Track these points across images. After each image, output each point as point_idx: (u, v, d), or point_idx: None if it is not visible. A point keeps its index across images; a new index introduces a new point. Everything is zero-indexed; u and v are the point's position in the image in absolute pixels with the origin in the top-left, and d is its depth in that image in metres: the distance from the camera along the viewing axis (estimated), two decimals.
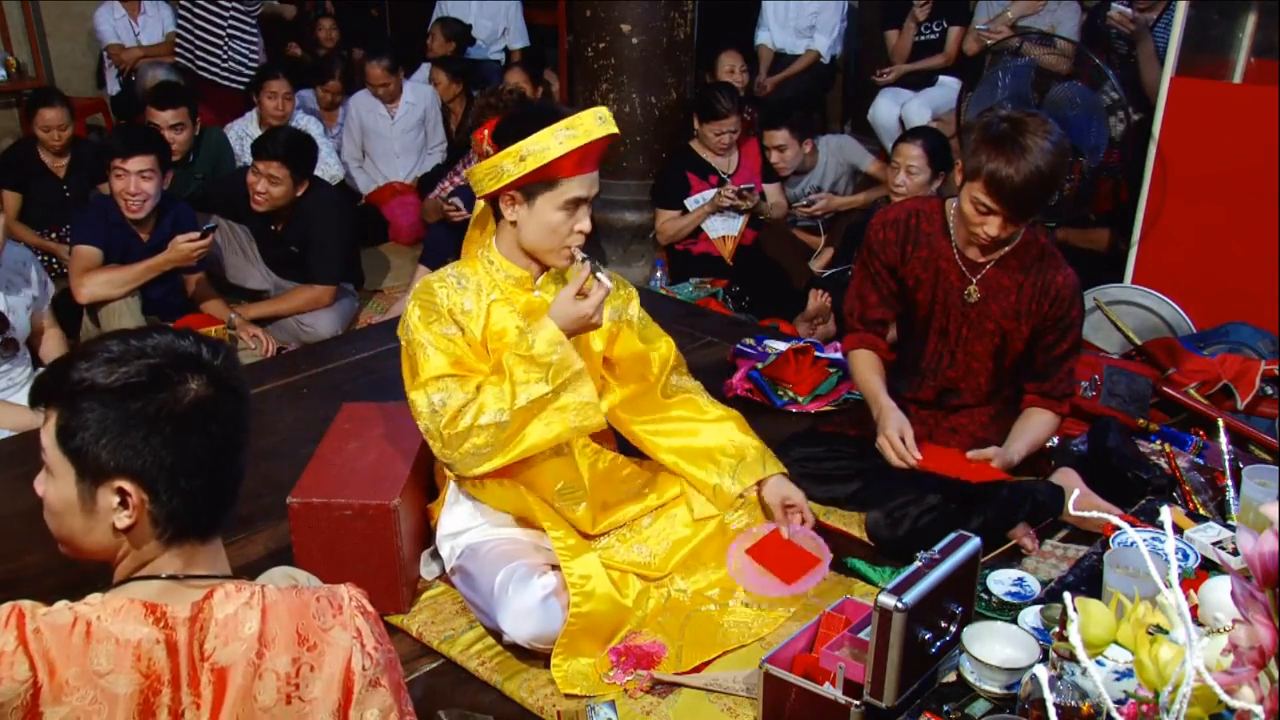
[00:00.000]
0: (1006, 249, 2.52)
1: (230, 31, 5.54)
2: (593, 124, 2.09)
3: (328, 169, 4.92)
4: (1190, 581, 1.82)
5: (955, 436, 2.68)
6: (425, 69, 5.98)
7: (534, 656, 2.15)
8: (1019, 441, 2.54)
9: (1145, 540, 1.52)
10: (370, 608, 1.32)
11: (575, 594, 2.09)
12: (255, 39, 5.69)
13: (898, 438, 2.50)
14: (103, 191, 3.60)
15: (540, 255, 2.21)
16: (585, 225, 2.16)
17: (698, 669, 2.13)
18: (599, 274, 2.14)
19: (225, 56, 5.56)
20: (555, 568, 2.17)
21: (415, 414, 2.13)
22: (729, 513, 2.37)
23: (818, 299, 4.11)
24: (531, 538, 2.26)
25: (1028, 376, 2.61)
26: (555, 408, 2.12)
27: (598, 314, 2.15)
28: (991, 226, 2.39)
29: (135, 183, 3.55)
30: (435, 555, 2.38)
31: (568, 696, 2.05)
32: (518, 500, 2.24)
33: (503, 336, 2.21)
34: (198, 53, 5.55)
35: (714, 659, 2.16)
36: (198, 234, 3.59)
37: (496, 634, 2.16)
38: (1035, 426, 2.58)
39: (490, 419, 2.07)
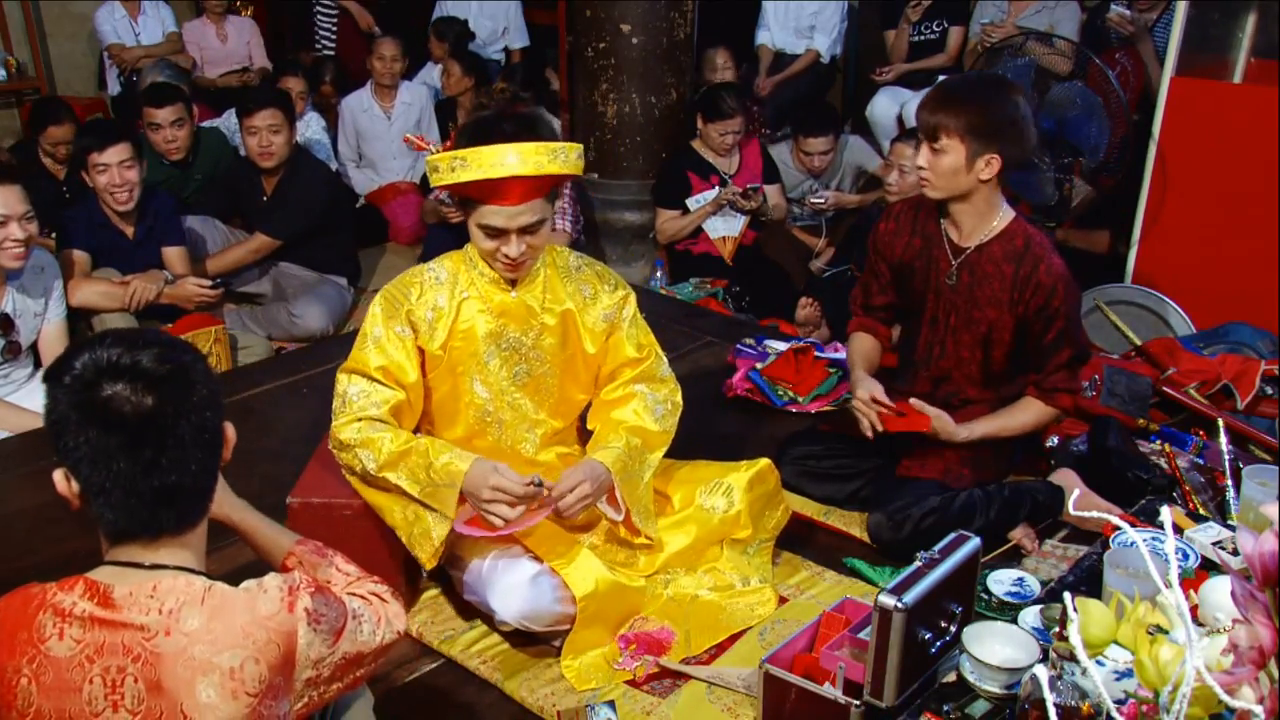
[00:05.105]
0: (990, 237, 2.52)
1: (319, 20, 6.39)
2: (494, 162, 1.99)
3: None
4: (1190, 581, 1.81)
5: None
6: (427, 68, 5.97)
7: (535, 651, 2.16)
8: (984, 421, 2.57)
9: (1145, 540, 1.52)
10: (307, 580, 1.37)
11: (581, 596, 2.08)
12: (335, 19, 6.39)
13: (868, 397, 2.55)
14: (86, 181, 3.63)
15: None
16: (511, 252, 2.11)
17: (708, 658, 2.16)
18: (545, 504, 2.09)
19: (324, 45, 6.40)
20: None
21: (335, 388, 2.20)
22: (701, 493, 2.32)
23: (805, 308, 4.12)
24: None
25: (1024, 369, 2.61)
26: (406, 507, 2.16)
27: (497, 516, 2.05)
28: (921, 159, 2.48)
29: (119, 173, 3.57)
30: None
31: (585, 691, 2.06)
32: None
33: (469, 335, 2.22)
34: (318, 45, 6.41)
35: (723, 644, 2.19)
36: (210, 282, 3.73)
37: (489, 617, 2.16)
38: (1011, 412, 2.59)
39: (366, 459, 2.13)
